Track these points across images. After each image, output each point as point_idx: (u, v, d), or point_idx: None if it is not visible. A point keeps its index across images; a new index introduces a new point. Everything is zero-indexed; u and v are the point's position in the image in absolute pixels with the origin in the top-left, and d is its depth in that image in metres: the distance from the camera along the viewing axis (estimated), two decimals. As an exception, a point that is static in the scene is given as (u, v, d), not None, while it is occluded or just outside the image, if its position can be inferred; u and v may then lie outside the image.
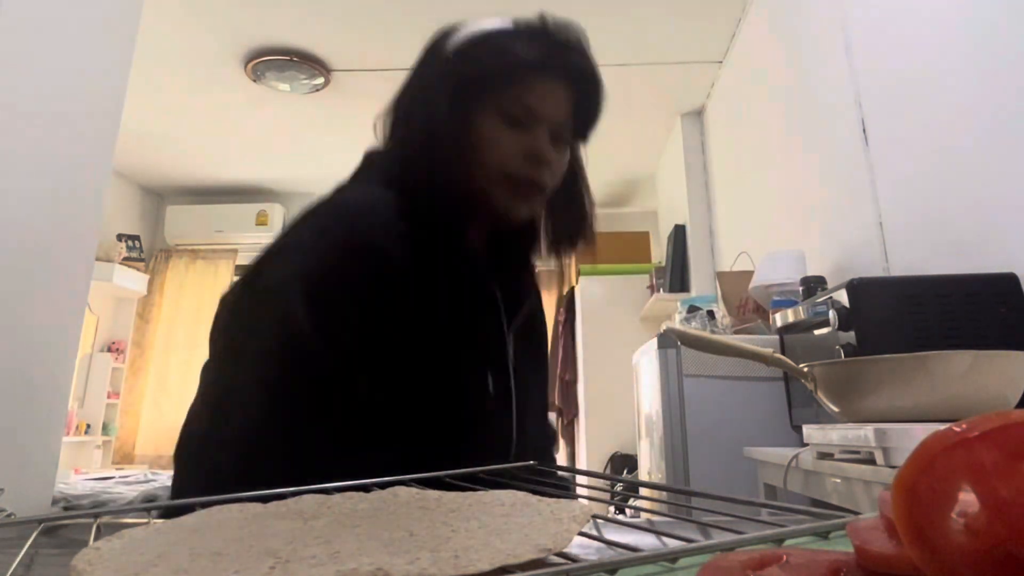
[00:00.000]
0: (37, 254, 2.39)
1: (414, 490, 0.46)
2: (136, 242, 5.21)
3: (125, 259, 5.05)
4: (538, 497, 0.41)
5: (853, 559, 0.23)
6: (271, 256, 0.69)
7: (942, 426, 0.19)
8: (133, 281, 5.12)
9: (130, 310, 5.34)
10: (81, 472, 4.29)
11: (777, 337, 1.75)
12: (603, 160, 4.32)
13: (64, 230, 2.50)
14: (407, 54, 0.83)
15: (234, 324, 0.68)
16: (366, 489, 0.46)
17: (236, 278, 0.88)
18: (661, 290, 3.67)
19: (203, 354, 0.68)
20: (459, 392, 0.70)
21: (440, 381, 0.68)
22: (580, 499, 0.48)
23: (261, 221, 5.20)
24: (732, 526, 0.34)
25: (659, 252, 4.22)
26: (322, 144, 4.30)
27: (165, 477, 3.60)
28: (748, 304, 2.34)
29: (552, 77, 0.77)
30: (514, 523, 0.34)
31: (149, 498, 2.83)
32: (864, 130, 1.86)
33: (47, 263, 2.43)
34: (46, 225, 2.42)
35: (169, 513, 0.40)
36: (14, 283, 2.27)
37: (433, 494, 0.44)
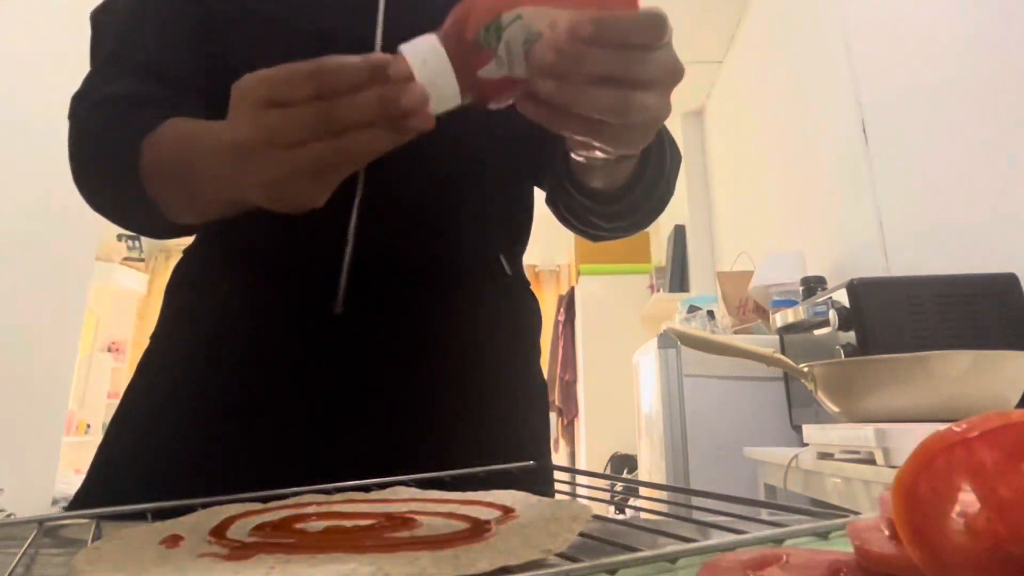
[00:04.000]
0: (37, 254, 2.39)
1: (414, 490, 0.46)
2: (136, 242, 5.21)
3: (125, 259, 5.06)
4: (538, 497, 0.41)
5: (853, 559, 0.23)
6: None
7: (942, 426, 0.19)
8: (133, 281, 5.13)
9: (130, 310, 5.34)
10: (81, 472, 4.29)
11: (777, 337, 1.75)
12: (603, 160, 4.32)
13: (64, 230, 2.51)
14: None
15: None
16: (366, 489, 0.46)
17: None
18: (661, 290, 3.67)
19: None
20: None
21: None
22: (580, 499, 0.48)
23: (261, 221, 5.20)
24: (732, 526, 0.34)
25: (659, 252, 4.22)
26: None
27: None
28: (748, 304, 2.34)
29: None
30: (514, 523, 0.34)
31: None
32: (864, 130, 1.86)
33: (47, 263, 2.44)
34: (46, 225, 2.42)
35: (169, 513, 0.40)
36: (14, 283, 2.28)
37: (432, 494, 0.44)
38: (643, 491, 2.13)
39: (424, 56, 0.39)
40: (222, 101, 0.60)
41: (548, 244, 4.67)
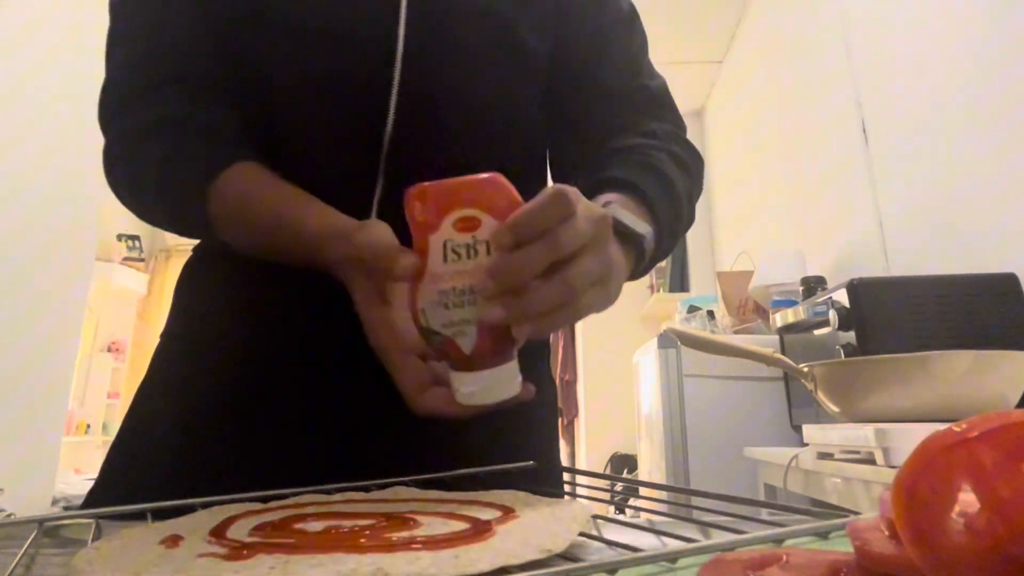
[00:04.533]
0: (37, 254, 2.39)
1: (414, 490, 0.46)
2: (136, 242, 5.20)
3: (125, 259, 5.05)
4: (538, 497, 0.41)
5: (853, 559, 0.23)
6: None
7: (942, 426, 0.19)
8: (133, 281, 5.12)
9: (130, 310, 5.34)
10: (81, 472, 4.29)
11: (777, 337, 1.75)
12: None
13: (64, 230, 2.51)
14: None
15: None
16: (366, 489, 0.46)
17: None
18: (661, 290, 3.67)
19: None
20: None
21: None
22: (580, 499, 0.48)
23: (261, 221, 5.19)
24: (732, 526, 0.34)
25: (659, 252, 4.22)
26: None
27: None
28: (748, 304, 2.34)
29: None
30: (514, 523, 0.34)
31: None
32: (864, 130, 1.86)
33: (47, 263, 2.44)
34: (46, 225, 2.42)
35: (169, 513, 0.40)
36: (14, 284, 2.28)
37: (433, 494, 0.44)
38: (643, 491, 2.13)
39: (471, 391, 0.42)
40: (237, 101, 0.60)
41: (548, 244, 4.68)
